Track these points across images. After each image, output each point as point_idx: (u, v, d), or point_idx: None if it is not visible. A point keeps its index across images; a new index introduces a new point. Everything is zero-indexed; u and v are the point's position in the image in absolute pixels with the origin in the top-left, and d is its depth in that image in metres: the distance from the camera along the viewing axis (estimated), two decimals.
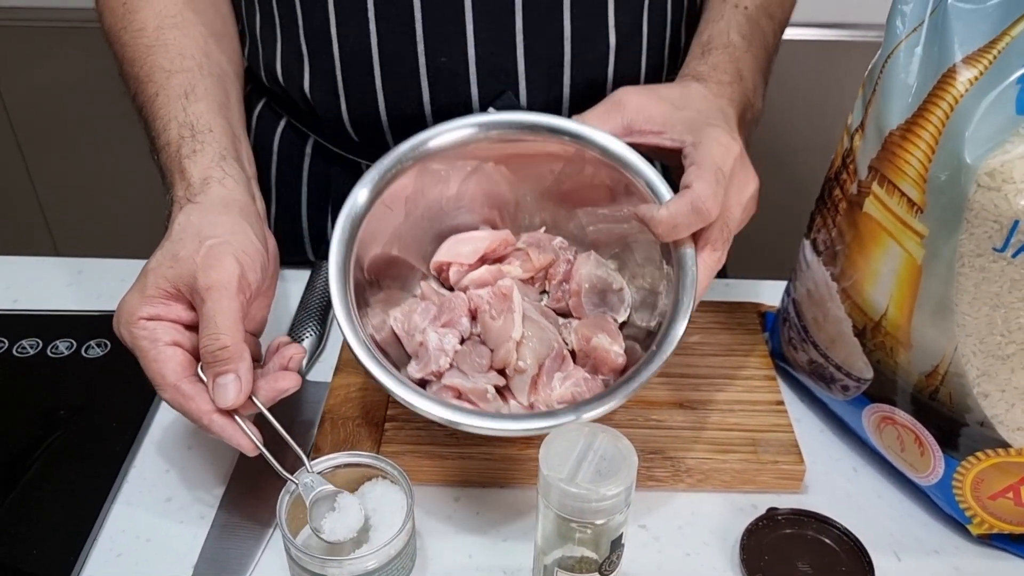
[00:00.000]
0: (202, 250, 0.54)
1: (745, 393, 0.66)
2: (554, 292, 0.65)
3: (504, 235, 0.66)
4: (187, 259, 0.54)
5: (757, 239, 0.76)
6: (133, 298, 0.55)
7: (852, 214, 0.57)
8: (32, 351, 0.71)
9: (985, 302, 0.51)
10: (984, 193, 0.48)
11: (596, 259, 0.65)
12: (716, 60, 0.66)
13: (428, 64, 0.68)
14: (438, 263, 0.65)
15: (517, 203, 0.67)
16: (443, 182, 0.64)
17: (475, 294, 0.62)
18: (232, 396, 0.52)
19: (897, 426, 0.59)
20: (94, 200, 1.66)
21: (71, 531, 0.58)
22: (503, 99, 0.70)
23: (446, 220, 0.66)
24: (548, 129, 0.61)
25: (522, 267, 0.65)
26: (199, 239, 0.55)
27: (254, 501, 0.60)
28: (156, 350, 0.53)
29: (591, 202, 0.65)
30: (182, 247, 0.55)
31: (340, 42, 0.69)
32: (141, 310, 0.54)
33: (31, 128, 1.58)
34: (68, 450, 0.63)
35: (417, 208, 0.64)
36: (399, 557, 0.53)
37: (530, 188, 0.66)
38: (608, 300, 0.63)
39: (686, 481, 0.61)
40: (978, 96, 0.48)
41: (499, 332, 0.59)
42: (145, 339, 0.53)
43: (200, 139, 0.60)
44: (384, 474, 0.56)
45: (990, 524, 0.58)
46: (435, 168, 0.62)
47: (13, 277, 0.79)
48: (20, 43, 1.47)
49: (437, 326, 0.61)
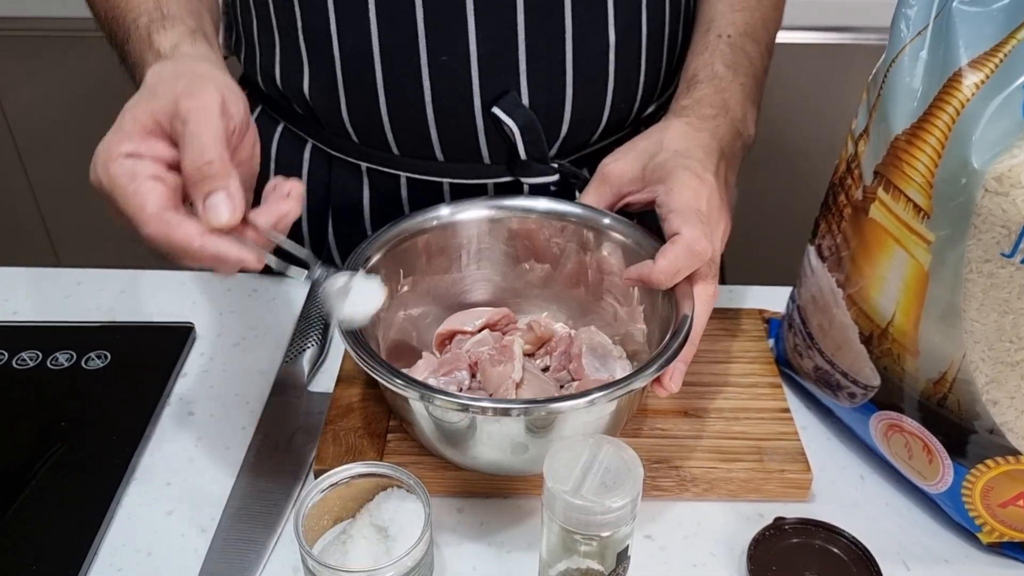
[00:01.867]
0: (180, 84, 0.50)
1: (750, 401, 0.66)
2: (555, 363, 0.65)
3: (506, 311, 0.68)
4: (166, 93, 0.50)
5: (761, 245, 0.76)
6: (110, 139, 0.50)
7: (857, 220, 0.57)
8: (32, 363, 0.70)
9: (993, 308, 0.50)
10: (992, 198, 0.48)
11: (596, 330, 0.65)
12: (701, 94, 0.67)
13: (430, 62, 0.68)
14: (441, 335, 0.67)
15: (519, 294, 0.69)
16: (448, 262, 0.67)
17: (476, 350, 0.63)
18: (226, 214, 0.48)
19: (905, 434, 0.58)
20: (96, 210, 1.66)
21: (71, 545, 0.57)
22: (506, 99, 0.69)
23: (449, 301, 0.68)
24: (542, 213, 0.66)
25: (524, 338, 0.66)
26: (176, 77, 0.51)
27: (256, 514, 0.59)
28: (135, 184, 0.48)
29: (588, 297, 0.68)
30: (160, 85, 0.51)
31: (340, 42, 0.69)
32: (120, 147, 0.49)
33: (32, 138, 1.58)
34: (68, 463, 0.62)
35: (422, 283, 0.66)
36: (417, 568, 0.52)
37: (531, 274, 0.69)
38: (609, 365, 0.63)
39: (692, 490, 0.61)
40: (984, 100, 0.48)
41: (499, 376, 0.60)
42: (124, 175, 0.48)
43: (170, 21, 0.58)
44: (399, 484, 0.55)
45: (1000, 532, 0.57)
46: (440, 247, 0.66)
47: (12, 289, 0.79)
48: (21, 53, 1.47)
49: (438, 376, 0.61)
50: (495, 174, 0.74)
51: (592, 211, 0.65)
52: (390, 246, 0.63)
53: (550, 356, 0.66)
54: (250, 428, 0.66)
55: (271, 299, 0.78)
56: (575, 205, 0.65)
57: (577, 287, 0.68)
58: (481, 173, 0.74)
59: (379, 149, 0.74)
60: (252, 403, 0.68)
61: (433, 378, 0.60)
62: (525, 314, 0.70)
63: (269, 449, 0.64)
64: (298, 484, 0.61)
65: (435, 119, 0.70)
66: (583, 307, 0.68)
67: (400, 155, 0.73)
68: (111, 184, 0.49)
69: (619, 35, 0.70)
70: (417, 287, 0.66)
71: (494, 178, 0.74)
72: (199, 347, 0.73)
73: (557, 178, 0.74)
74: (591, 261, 0.66)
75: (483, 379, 0.61)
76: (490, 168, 0.74)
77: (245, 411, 0.67)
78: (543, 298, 0.69)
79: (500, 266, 0.68)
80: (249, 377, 0.71)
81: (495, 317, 0.67)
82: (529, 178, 0.73)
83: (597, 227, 0.65)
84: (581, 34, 0.69)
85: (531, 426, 0.53)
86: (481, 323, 0.66)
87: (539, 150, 0.72)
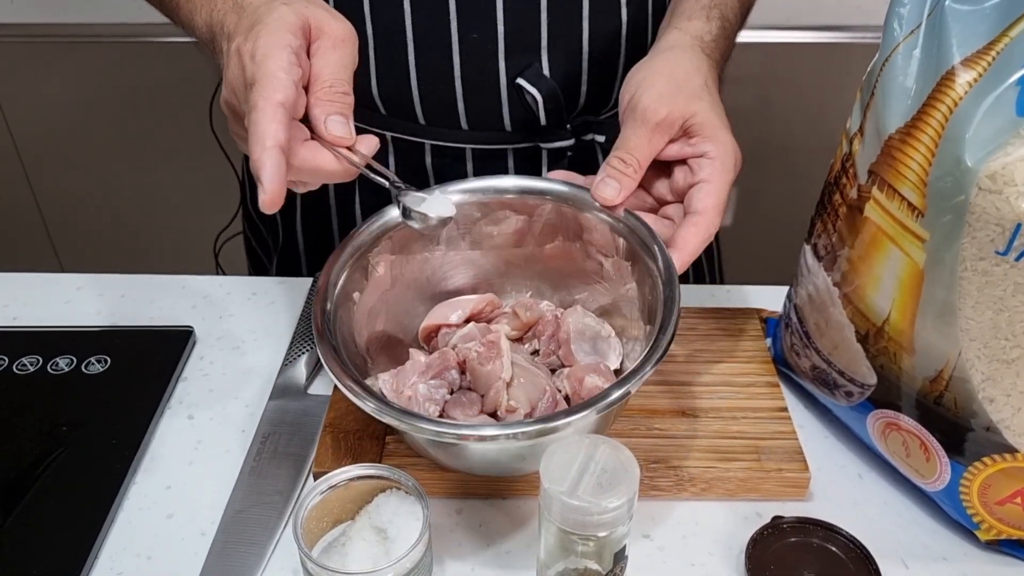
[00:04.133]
0: (310, 6, 0.54)
1: (748, 400, 0.66)
2: (544, 347, 0.65)
3: (490, 297, 0.67)
4: (303, 6, 0.54)
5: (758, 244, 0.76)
6: (275, 25, 0.52)
7: (852, 219, 0.57)
8: (32, 368, 0.70)
9: (988, 306, 0.50)
10: (985, 196, 0.48)
11: (583, 311, 0.65)
12: (685, 7, 0.70)
13: (460, 40, 0.72)
14: (426, 328, 0.66)
15: (501, 273, 0.69)
16: (429, 248, 0.66)
17: (463, 348, 0.62)
18: (345, 136, 0.53)
19: (902, 432, 0.58)
20: (97, 215, 1.66)
21: (72, 549, 0.57)
22: (530, 71, 0.74)
23: (431, 289, 0.68)
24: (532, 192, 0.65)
25: (510, 324, 0.66)
26: None
27: (256, 517, 0.60)
28: (282, 78, 0.51)
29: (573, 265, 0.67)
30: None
31: (373, 21, 0.73)
32: (286, 38, 0.52)
33: (33, 143, 1.59)
34: (68, 467, 0.62)
35: (403, 275, 0.66)
36: (416, 569, 0.52)
37: (515, 255, 0.68)
38: (599, 348, 0.63)
39: (690, 490, 0.61)
40: (978, 98, 0.48)
41: (488, 376, 0.59)
42: (285, 68, 0.51)
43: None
44: (398, 486, 0.56)
45: (998, 530, 0.57)
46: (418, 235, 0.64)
47: (12, 294, 0.79)
48: (22, 59, 1.48)
49: (426, 379, 0.60)
50: (515, 140, 0.78)
51: (561, 184, 0.65)
52: (369, 241, 0.62)
53: (538, 340, 0.65)
54: (250, 431, 0.66)
55: (270, 303, 0.79)
56: (544, 180, 0.65)
57: (561, 262, 0.67)
58: (503, 139, 0.78)
59: (405, 120, 0.78)
60: (251, 406, 0.68)
61: (423, 382, 0.60)
62: (509, 296, 0.69)
63: (268, 452, 0.64)
64: (297, 487, 0.62)
65: (463, 91, 0.75)
66: (568, 281, 0.67)
67: (426, 125, 0.77)
68: (264, 69, 0.51)
69: (630, 15, 0.76)
70: (399, 281, 0.65)
71: (514, 143, 0.78)
72: (199, 351, 0.74)
73: (573, 142, 0.78)
74: (572, 234, 0.65)
75: (472, 380, 0.61)
76: (511, 135, 0.78)
77: (244, 414, 0.68)
78: (527, 275, 0.69)
79: (480, 248, 0.67)
80: (248, 380, 0.71)
81: (479, 305, 0.66)
82: (548, 143, 0.78)
83: (575, 199, 0.64)
84: (596, 11, 0.74)
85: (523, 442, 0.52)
86: (465, 315, 0.66)
87: (558, 118, 0.76)
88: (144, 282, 0.81)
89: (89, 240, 1.70)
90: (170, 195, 1.60)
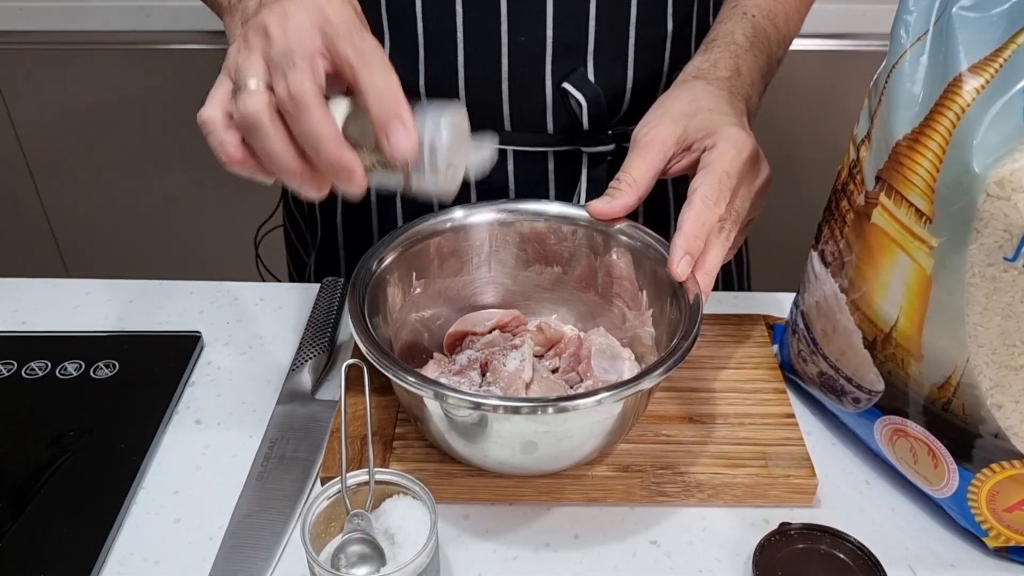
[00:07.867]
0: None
1: (755, 406, 0.66)
2: (564, 364, 0.65)
3: (516, 312, 0.69)
4: None
5: (765, 251, 0.76)
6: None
7: (860, 225, 0.57)
8: (41, 373, 0.71)
9: (997, 312, 0.50)
10: (993, 202, 0.48)
11: (605, 331, 0.66)
12: (717, 56, 0.70)
13: (510, 42, 0.73)
14: (452, 335, 0.67)
15: (529, 296, 0.70)
16: (460, 264, 0.68)
17: (487, 350, 0.63)
18: (409, 149, 0.51)
19: (910, 438, 0.58)
20: (104, 222, 1.67)
21: (80, 553, 0.57)
22: (575, 75, 0.75)
23: (460, 303, 0.69)
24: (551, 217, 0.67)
25: (534, 340, 0.66)
26: None
27: (263, 521, 0.60)
28: None
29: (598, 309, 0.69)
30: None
31: (425, 21, 0.74)
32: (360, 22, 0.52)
33: (41, 150, 1.59)
34: (76, 472, 0.63)
35: (433, 284, 0.67)
36: (423, 574, 0.52)
37: (544, 279, 0.70)
38: (618, 366, 0.64)
39: (696, 496, 0.61)
40: (985, 105, 0.48)
41: (510, 376, 0.60)
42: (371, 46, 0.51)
43: None
44: (406, 491, 0.56)
45: (1007, 537, 0.57)
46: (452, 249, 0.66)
47: (20, 299, 0.80)
48: (30, 66, 1.49)
49: (449, 376, 0.61)
50: (556, 143, 0.79)
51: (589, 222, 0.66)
52: (403, 248, 0.64)
53: (559, 357, 0.66)
54: (257, 436, 0.66)
55: (278, 308, 0.79)
56: (585, 209, 0.66)
57: (587, 291, 0.69)
58: (545, 142, 0.79)
59: None
60: (259, 411, 0.68)
61: (444, 378, 0.60)
62: (535, 316, 0.70)
63: (276, 457, 0.64)
64: (304, 491, 0.62)
65: (508, 93, 0.76)
66: (592, 310, 0.69)
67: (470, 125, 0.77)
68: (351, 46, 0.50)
69: (676, 25, 0.77)
70: (429, 289, 0.67)
71: (555, 146, 0.79)
72: (206, 356, 0.74)
73: (613, 147, 0.78)
74: (600, 264, 0.67)
75: (494, 378, 0.62)
76: (552, 137, 0.78)
77: (252, 419, 0.68)
78: (552, 301, 0.70)
79: (511, 269, 0.69)
80: (256, 385, 0.71)
81: (505, 319, 0.68)
82: (589, 147, 0.78)
83: (606, 231, 0.65)
84: (643, 21, 0.75)
85: (541, 423, 0.53)
86: (492, 324, 0.67)
87: (600, 123, 0.77)
88: (152, 288, 0.81)
89: (95, 246, 1.70)
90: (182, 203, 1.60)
